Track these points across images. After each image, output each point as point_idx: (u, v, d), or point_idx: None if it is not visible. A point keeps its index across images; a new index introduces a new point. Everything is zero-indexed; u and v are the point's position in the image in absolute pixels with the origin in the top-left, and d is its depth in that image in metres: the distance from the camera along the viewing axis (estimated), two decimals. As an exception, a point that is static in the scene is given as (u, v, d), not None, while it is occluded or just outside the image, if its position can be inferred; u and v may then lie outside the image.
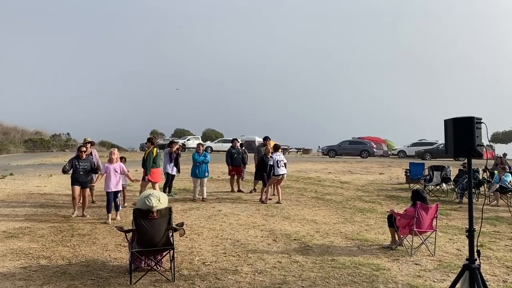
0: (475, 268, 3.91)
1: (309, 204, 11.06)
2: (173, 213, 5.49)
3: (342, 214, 9.83)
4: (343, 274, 5.44)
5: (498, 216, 9.92)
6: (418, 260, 6.13)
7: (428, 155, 30.25)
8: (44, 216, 9.14)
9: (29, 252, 6.37)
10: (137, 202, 5.63)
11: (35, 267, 5.66)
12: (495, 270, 5.74)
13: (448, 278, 5.25)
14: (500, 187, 11.75)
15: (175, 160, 11.83)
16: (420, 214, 6.46)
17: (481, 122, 4.05)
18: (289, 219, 9.07)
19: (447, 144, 4.25)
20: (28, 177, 16.70)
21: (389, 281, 5.21)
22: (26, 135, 48.89)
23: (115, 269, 5.61)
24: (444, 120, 4.25)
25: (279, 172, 10.91)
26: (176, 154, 11.88)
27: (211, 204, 10.66)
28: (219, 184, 14.51)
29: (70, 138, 52.23)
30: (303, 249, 6.67)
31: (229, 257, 6.16)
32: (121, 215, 9.09)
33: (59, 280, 5.16)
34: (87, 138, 10.70)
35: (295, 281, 5.18)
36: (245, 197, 11.91)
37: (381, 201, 11.86)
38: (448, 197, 12.88)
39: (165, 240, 5.28)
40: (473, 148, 3.98)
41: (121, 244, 6.77)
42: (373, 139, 37.02)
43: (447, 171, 13.82)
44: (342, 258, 6.14)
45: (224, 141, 38.11)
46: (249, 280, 5.18)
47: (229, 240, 7.13)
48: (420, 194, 6.87)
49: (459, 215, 9.94)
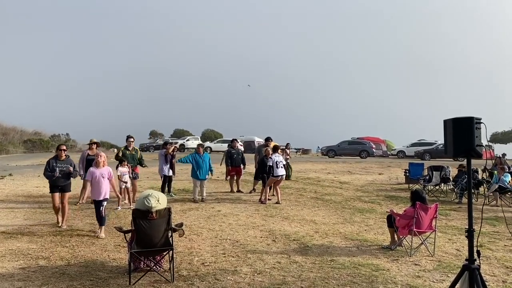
0: (474, 269, 3.90)
1: (309, 204, 11.06)
2: (172, 213, 5.49)
3: (342, 214, 9.82)
4: (342, 274, 5.44)
5: (497, 216, 9.92)
6: (417, 261, 6.12)
7: (427, 155, 30.26)
8: (43, 216, 9.12)
9: (28, 252, 6.35)
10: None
11: (34, 267, 5.65)
12: (495, 271, 5.74)
13: (447, 279, 5.24)
14: (499, 187, 11.75)
15: (170, 161, 11.78)
16: (419, 215, 6.46)
17: (481, 122, 4.05)
18: (289, 219, 9.06)
19: (446, 144, 4.25)
20: (27, 177, 16.69)
21: (389, 281, 5.21)
22: (25, 136, 48.94)
23: (114, 269, 5.60)
24: (444, 120, 4.25)
25: (278, 173, 10.90)
26: (171, 155, 11.86)
27: (210, 204, 10.65)
28: (218, 185, 14.49)
29: (69, 138, 52.31)
30: (303, 249, 6.66)
31: (229, 257, 6.16)
32: (120, 215, 9.08)
33: (58, 280, 5.15)
34: (93, 139, 10.63)
35: (294, 281, 5.17)
36: (244, 198, 11.90)
37: (381, 202, 11.86)
38: (448, 197, 12.89)
39: (164, 240, 5.28)
40: (472, 148, 3.98)
41: (120, 244, 6.76)
42: (372, 139, 37.02)
43: (447, 171, 13.83)
44: (341, 259, 6.13)
45: (223, 141, 38.08)
46: (248, 281, 5.18)
47: (228, 241, 7.13)
48: (420, 195, 6.87)
49: (459, 215, 9.94)
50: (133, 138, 11.34)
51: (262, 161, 11.73)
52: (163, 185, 11.75)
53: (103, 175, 7.48)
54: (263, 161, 11.65)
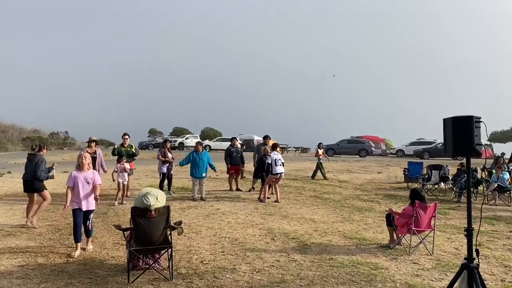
0: (473, 267, 3.90)
1: (308, 203, 11.06)
2: (171, 211, 5.48)
3: (341, 213, 9.82)
4: (341, 273, 5.44)
5: (496, 215, 9.93)
6: (416, 259, 6.12)
7: (426, 154, 30.30)
8: (42, 214, 9.09)
9: (26, 250, 6.35)
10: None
11: (32, 265, 5.64)
12: (493, 269, 5.74)
13: (446, 277, 5.24)
14: (498, 186, 11.76)
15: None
16: (418, 213, 6.46)
17: (480, 121, 4.05)
18: (288, 218, 9.06)
19: (446, 143, 4.24)
20: (26, 175, 16.65)
21: (387, 280, 5.21)
22: (24, 133, 48.83)
23: (113, 267, 5.60)
24: (443, 119, 4.24)
25: (276, 170, 10.89)
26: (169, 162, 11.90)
27: (209, 202, 10.64)
28: (217, 183, 14.49)
29: (68, 136, 52.18)
30: (301, 248, 6.66)
31: (227, 255, 6.15)
32: (119, 213, 9.06)
33: (56, 278, 5.14)
34: (92, 137, 10.69)
35: (293, 280, 5.17)
36: (243, 196, 11.90)
37: (380, 200, 11.86)
38: (447, 196, 12.89)
39: (163, 238, 5.27)
40: (472, 147, 3.98)
41: (119, 242, 6.76)
42: (371, 138, 37.07)
43: (446, 170, 13.84)
44: (340, 257, 6.13)
45: (222, 139, 38.08)
46: (247, 279, 5.17)
47: (227, 239, 7.12)
48: (419, 193, 6.87)
49: (457, 214, 9.94)
50: (128, 136, 11.62)
51: (261, 160, 11.72)
52: (161, 183, 11.76)
53: (88, 179, 6.35)
54: (262, 159, 11.64)
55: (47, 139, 47.62)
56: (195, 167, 11.09)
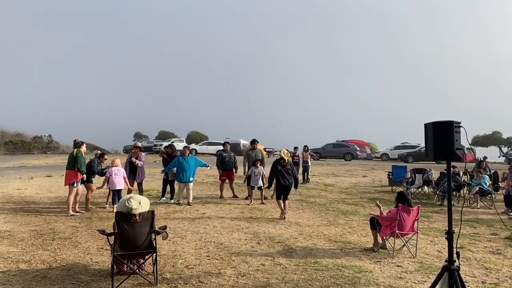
0: (454, 270, 3.97)
1: (293, 206, 11.10)
2: (156, 216, 5.46)
3: (326, 216, 9.89)
4: (325, 276, 5.48)
5: (477, 218, 10.11)
6: (399, 262, 6.21)
7: (410, 158, 30.72)
8: (24, 219, 8.97)
9: (8, 256, 6.24)
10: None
11: (14, 271, 5.55)
12: (474, 271, 5.85)
13: (428, 280, 5.32)
14: (479, 189, 11.99)
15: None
16: (401, 217, 6.55)
17: (460, 126, 4.14)
18: (273, 221, 9.09)
19: (427, 147, 4.32)
20: (8, 179, 16.39)
21: (371, 283, 5.27)
22: (6, 137, 48.05)
23: (97, 272, 5.54)
24: (425, 124, 4.32)
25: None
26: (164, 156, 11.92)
27: (195, 207, 10.60)
28: (203, 187, 14.45)
29: (52, 140, 51.44)
30: (287, 251, 6.69)
31: (213, 260, 6.15)
32: (103, 218, 8.97)
33: (39, 284, 5.07)
34: (137, 143, 10.77)
35: (278, 283, 5.19)
36: (229, 200, 11.87)
37: (364, 204, 11.98)
38: (430, 199, 13.08)
39: (147, 243, 5.24)
40: (452, 152, 4.06)
41: (103, 247, 6.69)
42: (356, 142, 37.39)
43: (429, 174, 14.05)
44: (325, 261, 6.18)
45: (209, 143, 38.00)
46: (232, 283, 5.18)
47: (212, 243, 7.11)
48: (405, 196, 6.99)
49: (440, 218, 10.10)
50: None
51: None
52: (163, 191, 11.75)
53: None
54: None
55: (30, 143, 46.92)
56: (182, 172, 10.83)
